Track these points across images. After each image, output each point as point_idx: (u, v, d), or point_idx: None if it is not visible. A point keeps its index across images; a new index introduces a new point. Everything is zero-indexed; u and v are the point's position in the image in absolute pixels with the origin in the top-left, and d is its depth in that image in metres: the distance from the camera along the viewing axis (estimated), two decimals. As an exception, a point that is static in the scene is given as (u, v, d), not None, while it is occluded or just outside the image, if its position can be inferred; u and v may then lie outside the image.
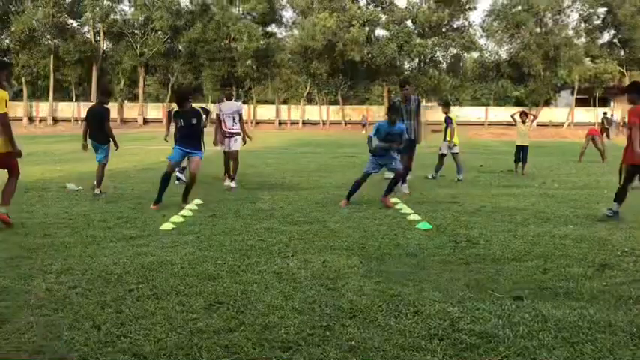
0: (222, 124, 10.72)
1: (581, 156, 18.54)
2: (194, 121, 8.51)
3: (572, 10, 57.57)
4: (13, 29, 56.63)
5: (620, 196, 7.63)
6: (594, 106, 57.81)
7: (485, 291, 4.43)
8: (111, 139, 9.72)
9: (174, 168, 8.89)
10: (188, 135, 8.57)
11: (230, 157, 10.84)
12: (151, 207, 8.21)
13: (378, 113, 58.86)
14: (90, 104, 52.46)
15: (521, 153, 14.16)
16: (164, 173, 8.50)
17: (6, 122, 6.87)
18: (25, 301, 4.12)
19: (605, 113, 51.46)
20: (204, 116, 9.59)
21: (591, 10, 57.01)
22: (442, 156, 13.08)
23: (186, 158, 8.97)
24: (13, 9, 57.39)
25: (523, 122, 14.56)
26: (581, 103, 58.67)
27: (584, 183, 11.79)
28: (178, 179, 11.21)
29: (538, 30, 56.54)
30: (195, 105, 9.17)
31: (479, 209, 8.32)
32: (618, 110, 55.98)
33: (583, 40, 58.23)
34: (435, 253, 5.69)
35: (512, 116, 15.13)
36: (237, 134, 10.81)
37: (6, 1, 56.44)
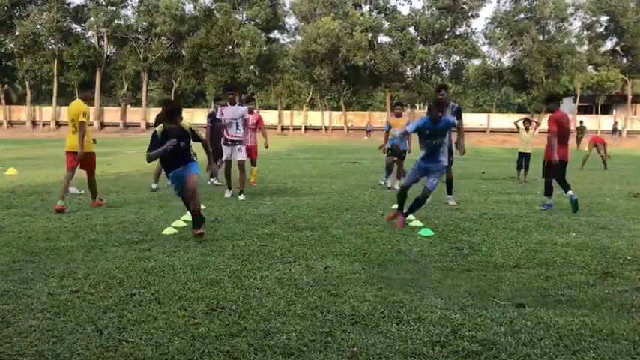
0: (225, 130, 10.03)
1: (583, 163, 18.54)
2: (182, 144, 6.79)
3: (574, 18, 57.72)
4: (17, 34, 56.89)
5: (548, 191, 9.24)
6: (597, 113, 57.82)
7: (487, 298, 4.43)
8: None
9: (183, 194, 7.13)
10: (177, 157, 6.86)
11: (238, 168, 10.04)
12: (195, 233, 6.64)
13: (380, 119, 58.98)
14: (92, 108, 52.02)
15: (523, 160, 14.16)
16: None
17: (83, 129, 8.74)
18: (26, 305, 4.12)
19: (616, 123, 51.80)
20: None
21: (594, 18, 57.07)
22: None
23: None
24: (17, 13, 57.70)
25: (526, 129, 14.57)
26: (583, 110, 58.72)
27: (587, 191, 11.76)
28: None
29: (541, 37, 56.67)
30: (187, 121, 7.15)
31: (481, 216, 8.32)
32: (621, 118, 56.09)
33: (585, 47, 58.33)
34: (437, 259, 5.69)
35: (515, 123, 15.14)
36: (241, 142, 10.04)
37: (10, 5, 56.69)
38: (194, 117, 51.49)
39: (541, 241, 6.60)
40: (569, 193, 8.96)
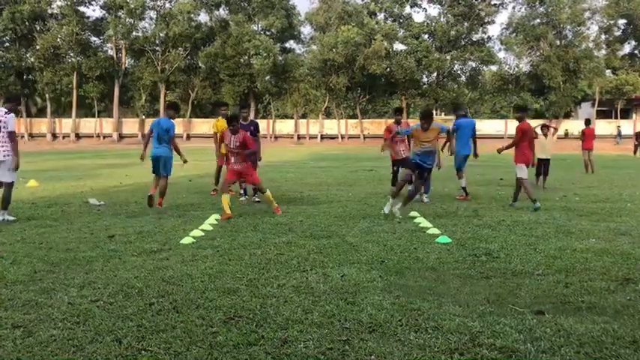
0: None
1: (587, 167, 19.10)
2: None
3: (592, 22, 57.26)
4: (37, 47, 57.93)
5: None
6: (616, 118, 57.17)
7: (506, 305, 4.39)
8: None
9: None
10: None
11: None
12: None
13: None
14: (111, 120, 53.20)
15: (542, 166, 14.03)
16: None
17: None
18: (47, 315, 4.17)
19: (618, 126, 51.55)
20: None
21: (611, 22, 56.57)
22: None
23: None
24: (37, 27, 58.77)
25: (545, 135, 14.44)
26: (602, 115, 58.08)
27: (606, 196, 11.63)
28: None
29: (558, 42, 56.25)
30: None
31: (499, 223, 8.25)
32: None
33: (603, 51, 57.77)
34: (455, 267, 5.65)
35: (533, 129, 15.01)
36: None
37: (30, 20, 57.76)
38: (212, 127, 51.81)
39: (560, 247, 6.53)
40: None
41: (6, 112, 8.40)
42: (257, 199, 10.73)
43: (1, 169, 8.38)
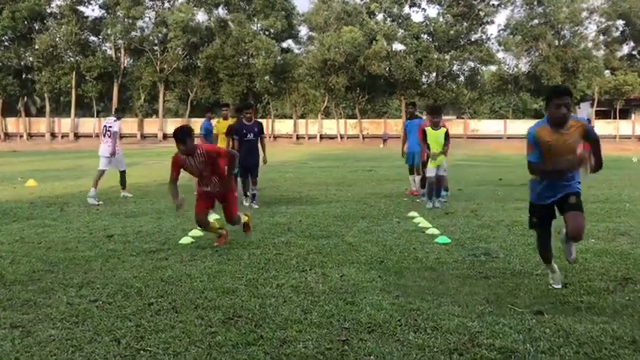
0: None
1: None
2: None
3: (589, 22, 57.34)
4: (36, 47, 57.88)
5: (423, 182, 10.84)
6: (615, 118, 57.23)
7: (505, 305, 4.39)
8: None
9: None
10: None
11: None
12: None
13: (395, 127, 58.93)
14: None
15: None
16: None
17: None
18: (46, 315, 4.17)
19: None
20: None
21: (609, 22, 56.63)
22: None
23: None
24: (36, 27, 58.74)
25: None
26: (601, 115, 58.14)
27: (606, 196, 11.63)
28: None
29: (556, 42, 56.30)
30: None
31: (498, 223, 8.25)
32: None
33: (602, 52, 57.85)
34: (454, 267, 5.65)
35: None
36: None
37: (30, 19, 57.71)
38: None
39: (559, 247, 6.51)
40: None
41: (115, 120, 11.29)
42: (255, 205, 10.13)
43: (114, 162, 11.25)
